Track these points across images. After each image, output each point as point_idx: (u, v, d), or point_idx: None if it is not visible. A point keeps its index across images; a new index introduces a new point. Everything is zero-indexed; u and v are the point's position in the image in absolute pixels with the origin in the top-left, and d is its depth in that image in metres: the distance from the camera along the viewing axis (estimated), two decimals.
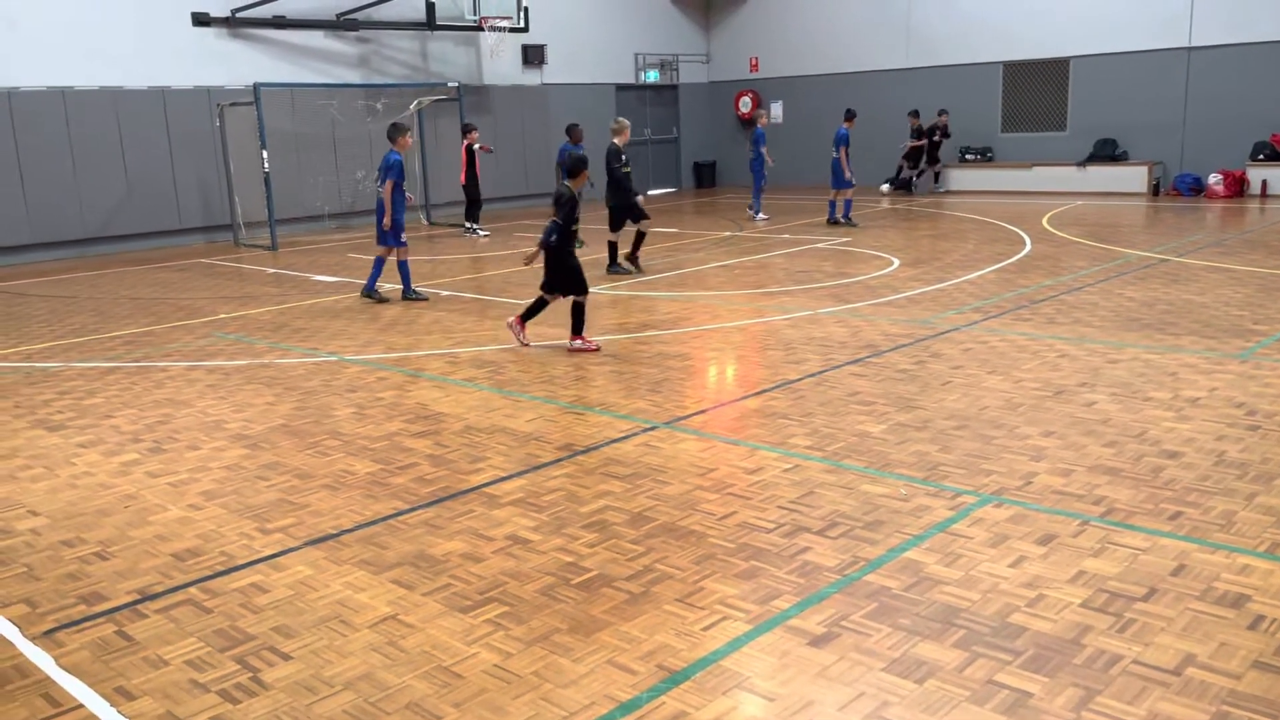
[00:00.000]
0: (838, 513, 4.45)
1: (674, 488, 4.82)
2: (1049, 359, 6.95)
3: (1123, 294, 9.17)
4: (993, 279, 10.22)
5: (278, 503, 4.86)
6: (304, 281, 12.00)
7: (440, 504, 4.75)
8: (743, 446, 5.41)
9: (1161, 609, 3.48)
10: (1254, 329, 7.58)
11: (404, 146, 9.92)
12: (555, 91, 21.40)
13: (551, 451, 5.42)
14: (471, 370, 7.32)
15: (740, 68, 24.09)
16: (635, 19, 22.84)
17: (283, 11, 16.93)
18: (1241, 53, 17.32)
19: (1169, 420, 5.52)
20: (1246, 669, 3.10)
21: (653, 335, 8.24)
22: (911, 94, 21.15)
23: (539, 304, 7.99)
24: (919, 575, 3.82)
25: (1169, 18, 17.92)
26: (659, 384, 6.74)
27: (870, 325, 8.28)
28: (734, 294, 10.03)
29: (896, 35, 21.33)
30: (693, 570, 3.94)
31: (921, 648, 3.31)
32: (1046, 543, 4.05)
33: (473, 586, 3.88)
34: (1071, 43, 19.07)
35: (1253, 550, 3.90)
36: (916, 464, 5.03)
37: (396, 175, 9.82)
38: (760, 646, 3.36)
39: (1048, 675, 3.12)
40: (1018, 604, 3.57)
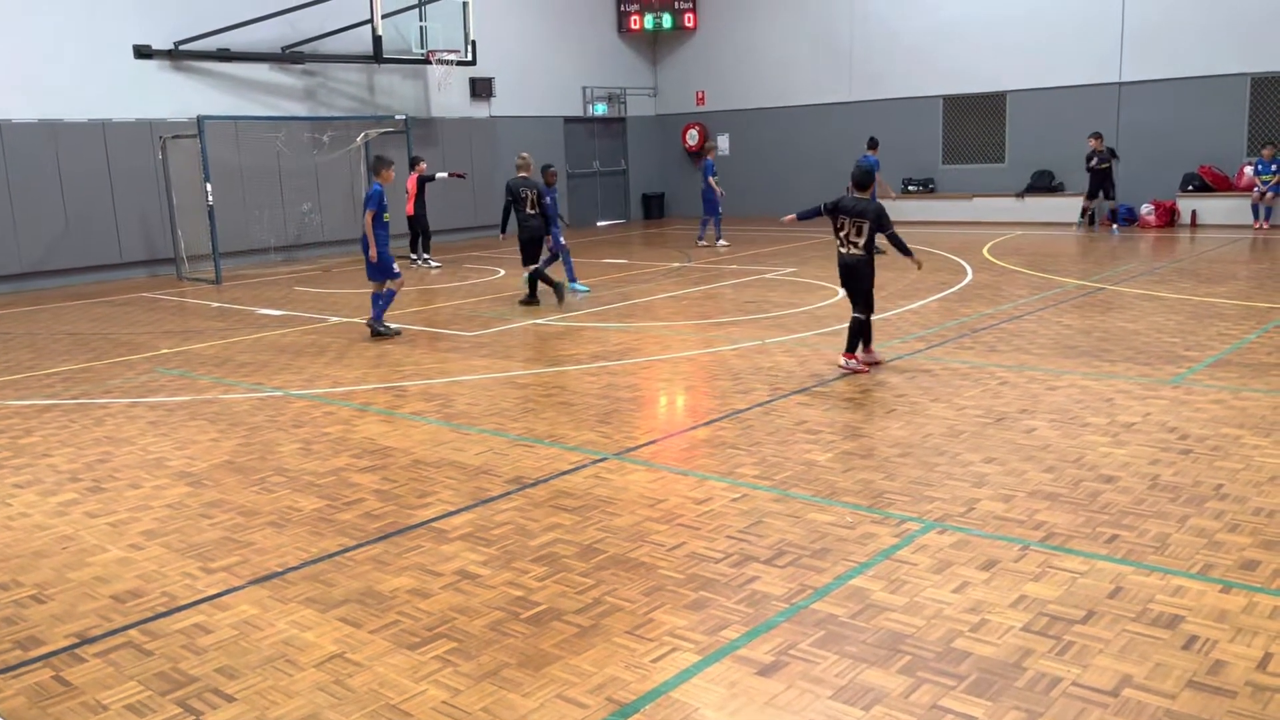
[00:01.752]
0: (785, 541, 4.49)
1: (623, 519, 4.84)
2: (990, 386, 7.10)
3: (1061, 322, 9.39)
4: (935, 308, 10.41)
5: (221, 541, 4.79)
6: (249, 315, 11.86)
7: (388, 540, 4.71)
8: (692, 477, 5.45)
9: (1099, 631, 3.57)
10: (1185, 355, 7.81)
11: (387, 179, 9.73)
12: (504, 124, 21.48)
13: (500, 485, 5.41)
14: (420, 404, 7.28)
15: (687, 101, 24.39)
16: (583, 53, 23.05)
17: (227, 44, 16.83)
18: (1170, 87, 17.93)
19: (1105, 445, 5.66)
20: (1181, 689, 3.18)
21: (602, 366, 8.27)
22: (854, 127, 21.53)
23: (858, 327, 7.71)
24: (865, 602, 3.87)
25: (1101, 54, 18.50)
26: (608, 415, 6.76)
27: (817, 355, 8.38)
28: (683, 325, 10.10)
29: (839, 69, 21.75)
30: (642, 602, 3.95)
31: (868, 674, 3.35)
32: (989, 568, 4.13)
33: (421, 623, 3.85)
34: (1008, 77, 19.60)
35: (1185, 572, 4.01)
36: (862, 492, 5.09)
37: (376, 205, 9.62)
38: (709, 677, 3.37)
39: (991, 699, 3.17)
40: (961, 629, 3.63)
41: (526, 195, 11.24)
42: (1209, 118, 17.70)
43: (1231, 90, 17.46)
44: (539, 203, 11.29)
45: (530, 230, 11.35)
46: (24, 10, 14.85)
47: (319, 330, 10.60)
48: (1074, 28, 18.67)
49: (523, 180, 11.35)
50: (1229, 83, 17.44)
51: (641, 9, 23.59)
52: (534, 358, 8.72)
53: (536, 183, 11.42)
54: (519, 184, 11.34)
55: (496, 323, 10.58)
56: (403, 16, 18.23)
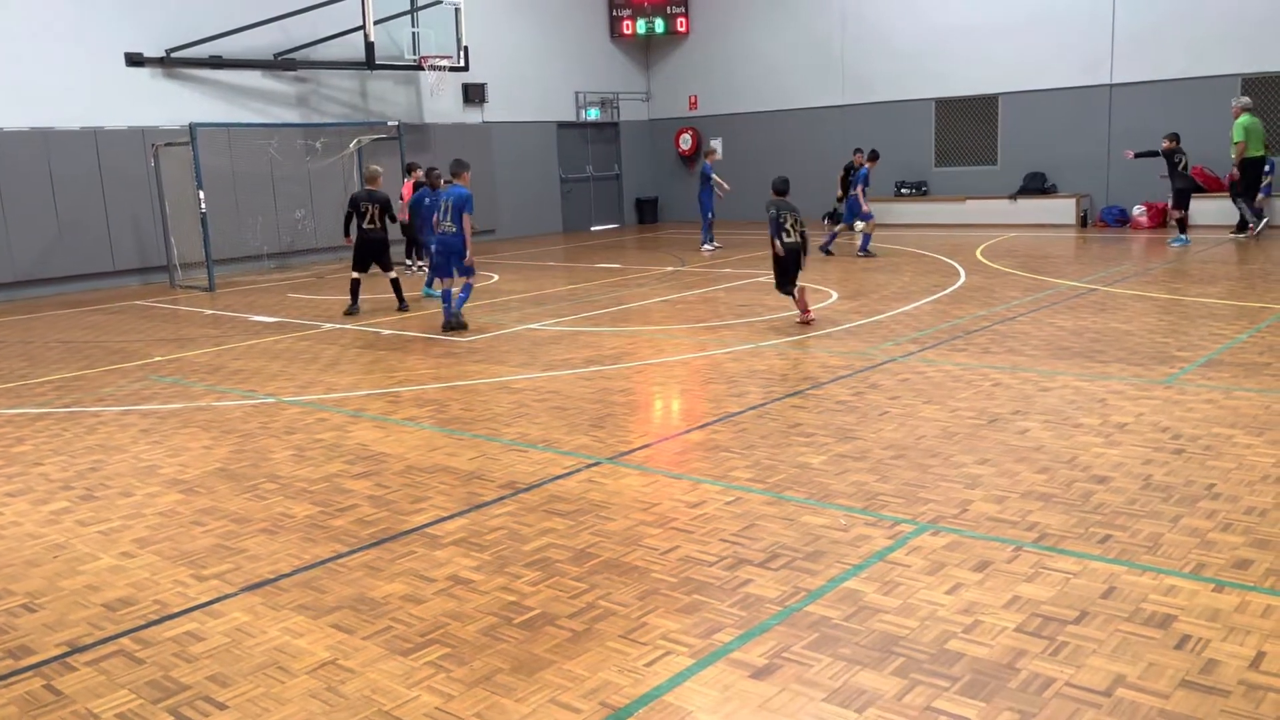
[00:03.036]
0: (779, 544, 4.49)
1: (617, 523, 4.83)
2: (983, 388, 7.10)
3: (1053, 323, 9.40)
4: (929, 310, 10.42)
5: (214, 548, 4.78)
6: (242, 322, 11.84)
7: (381, 546, 4.70)
8: (685, 480, 5.44)
9: (1092, 631, 3.57)
10: (1178, 355, 7.82)
11: (466, 181, 10.60)
12: (497, 129, 21.49)
13: (494, 490, 5.41)
14: (413, 409, 7.27)
15: (680, 105, 24.41)
16: (575, 58, 23.07)
17: (219, 51, 16.83)
18: (1160, 89, 17.98)
19: (1098, 446, 5.67)
20: (1174, 688, 3.18)
21: (596, 370, 8.26)
22: (847, 130, 21.59)
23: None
24: (859, 605, 3.87)
25: (1092, 56, 18.55)
26: (602, 419, 6.75)
27: (810, 358, 8.39)
28: (677, 328, 10.10)
29: (832, 73, 21.79)
30: (636, 606, 3.94)
31: (861, 677, 3.34)
32: (982, 569, 4.13)
33: (414, 629, 3.84)
34: (1000, 80, 19.64)
35: (1178, 571, 4.02)
36: (856, 494, 5.09)
37: (472, 209, 10.42)
38: (703, 681, 3.37)
39: (984, 700, 3.17)
40: (954, 630, 3.63)
41: (368, 209, 11.75)
42: (1200, 118, 17.74)
43: (1222, 91, 17.50)
44: (382, 215, 11.82)
45: (368, 239, 11.80)
46: (15, 18, 14.84)
47: (313, 337, 10.59)
48: (1064, 30, 18.72)
49: (368, 193, 11.85)
50: (1220, 84, 17.49)
51: (634, 14, 23.62)
52: (528, 362, 8.72)
53: (381, 196, 11.92)
54: (363, 196, 11.84)
55: (491, 327, 10.57)
56: (395, 23, 18.25)
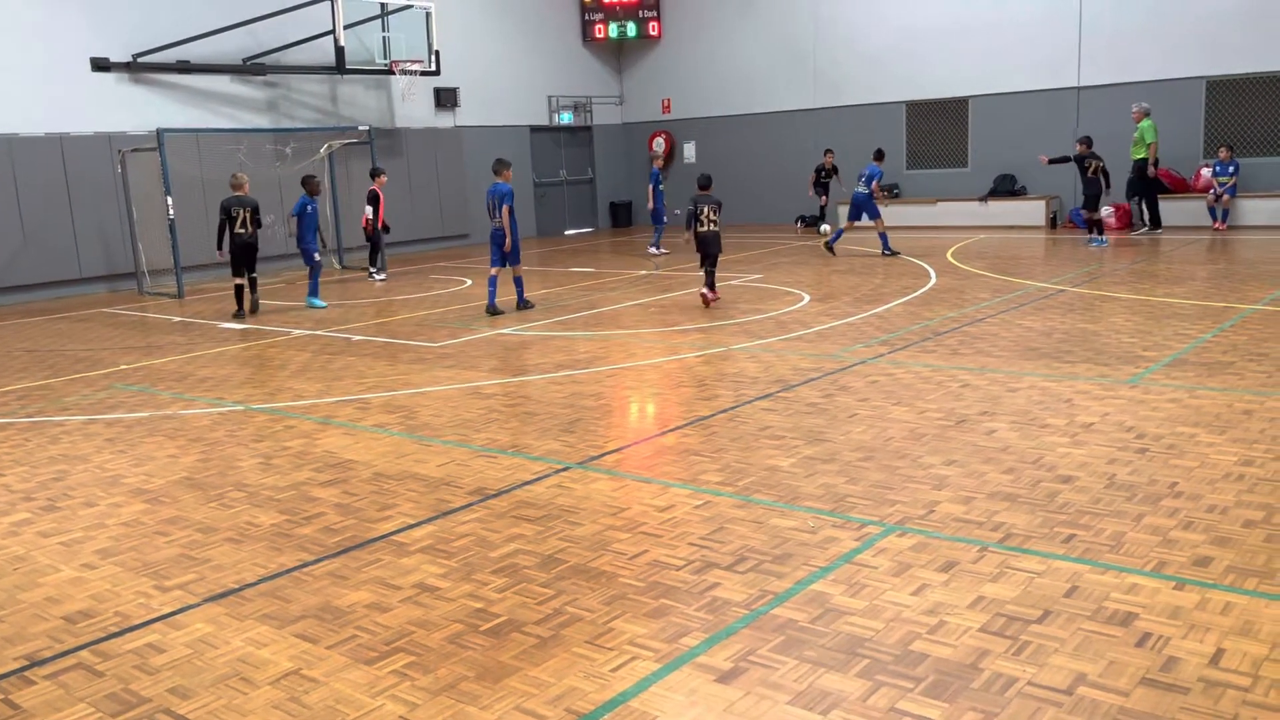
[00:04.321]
0: (747, 547, 4.49)
1: (586, 528, 4.82)
2: (952, 389, 7.15)
3: (1022, 324, 9.48)
4: (899, 312, 10.48)
5: (177, 559, 4.72)
6: (211, 330, 11.74)
7: (347, 554, 4.67)
8: (655, 484, 5.44)
9: (1055, 630, 3.59)
10: (1143, 355, 7.90)
11: (509, 179, 11.53)
12: (470, 134, 21.43)
13: (462, 496, 5.38)
14: (382, 416, 7.23)
15: (653, 109, 24.45)
16: (548, 62, 23.05)
17: (187, 56, 16.69)
18: (1127, 91, 18.18)
19: (1064, 446, 5.72)
20: (1135, 686, 3.21)
21: (567, 375, 8.25)
22: (819, 133, 21.70)
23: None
24: (825, 607, 3.88)
25: (1059, 59, 18.74)
26: (573, 424, 6.74)
27: (781, 360, 8.41)
28: (649, 332, 10.10)
29: (803, 76, 21.89)
30: (603, 611, 3.94)
31: (826, 679, 3.35)
32: (947, 569, 4.15)
33: (379, 637, 3.82)
34: (970, 83, 19.80)
35: (1140, 570, 4.05)
36: (824, 496, 5.11)
37: (512, 200, 11.45)
38: (669, 685, 3.36)
39: (948, 700, 3.18)
40: (919, 631, 3.64)
41: (239, 214, 12.29)
42: (1166, 121, 17.93)
43: (1188, 93, 17.73)
44: (250, 220, 12.33)
45: (242, 244, 12.37)
46: None
47: (282, 344, 10.51)
48: (1032, 33, 18.90)
49: (236, 199, 12.33)
50: (1185, 86, 17.71)
51: (606, 18, 23.64)
52: (498, 368, 8.69)
53: (250, 201, 12.40)
54: (232, 203, 12.30)
55: (462, 333, 10.53)
56: (365, 27, 18.18)
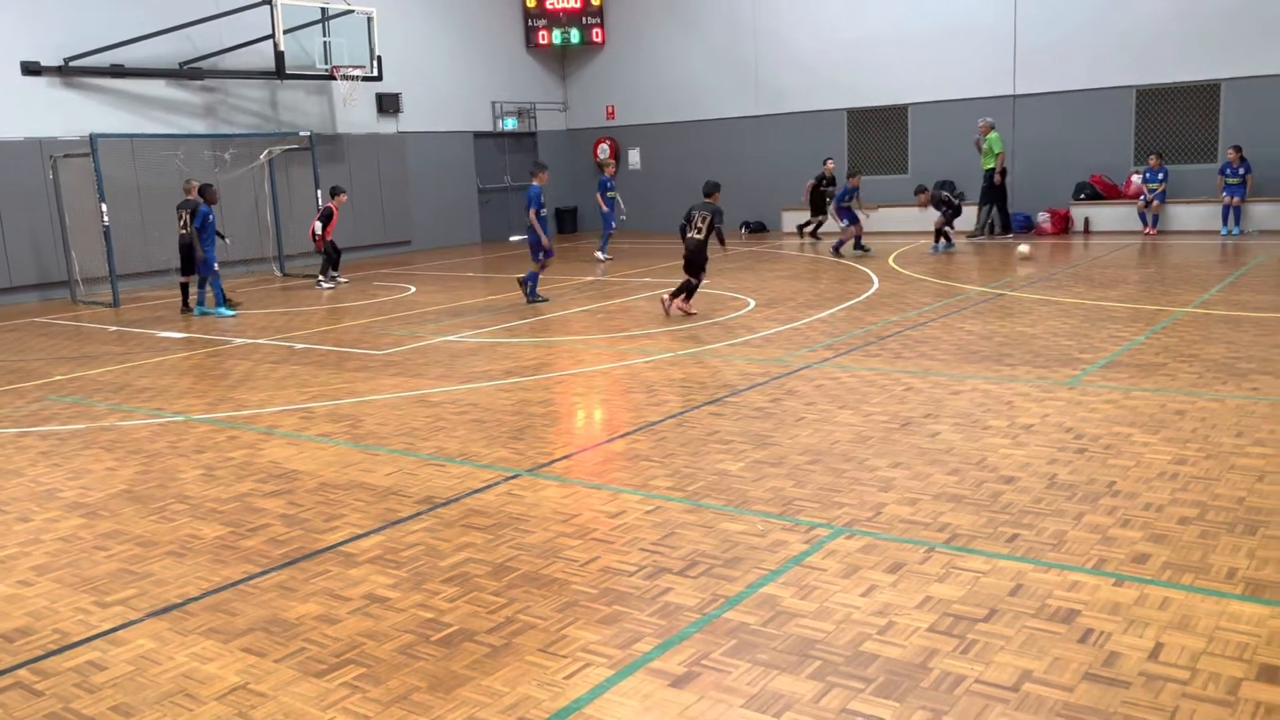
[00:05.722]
0: (698, 552, 4.52)
1: (536, 536, 4.81)
2: (896, 392, 7.25)
3: (963, 328, 9.65)
4: (843, 317, 10.61)
5: (118, 573, 4.62)
6: (149, 339, 11.49)
7: (294, 565, 4.60)
8: (605, 490, 5.44)
9: (1001, 628, 3.66)
10: (1080, 358, 8.09)
11: (544, 180, 12.21)
12: (413, 139, 21.26)
13: (411, 505, 5.33)
14: (327, 425, 7.14)
15: (597, 115, 24.47)
16: (491, 67, 22.96)
17: (120, 60, 16.34)
18: (1061, 99, 18.62)
19: (1006, 447, 5.83)
20: (1078, 681, 3.28)
21: (515, 382, 8.21)
22: (762, 141, 21.90)
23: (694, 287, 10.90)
24: (776, 610, 3.91)
25: (995, 68, 19.13)
26: (521, 431, 6.72)
27: (728, 365, 8.46)
28: (597, 338, 10.11)
29: (745, 84, 22.07)
30: (555, 619, 3.93)
31: (779, 681, 3.38)
32: (895, 570, 4.21)
33: (328, 649, 3.77)
34: (909, 91, 20.12)
35: (1081, 567, 4.15)
36: (773, 500, 5.15)
37: (538, 204, 11.98)
38: (622, 691, 3.37)
39: (897, 700, 3.23)
40: (869, 632, 3.69)
41: (182, 215, 13.27)
42: (1098, 129, 18.43)
43: (1118, 102, 18.21)
44: (191, 221, 12.97)
45: (181, 243, 13.33)
46: None
47: (224, 352, 10.33)
48: (969, 42, 19.26)
49: (184, 202, 13.31)
50: (1116, 95, 18.19)
51: (549, 24, 23.62)
52: (445, 375, 8.63)
53: (194, 203, 13.02)
54: (180, 205, 13.35)
55: (408, 340, 10.44)
56: (306, 32, 17.94)
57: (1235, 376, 7.19)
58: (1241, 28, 16.86)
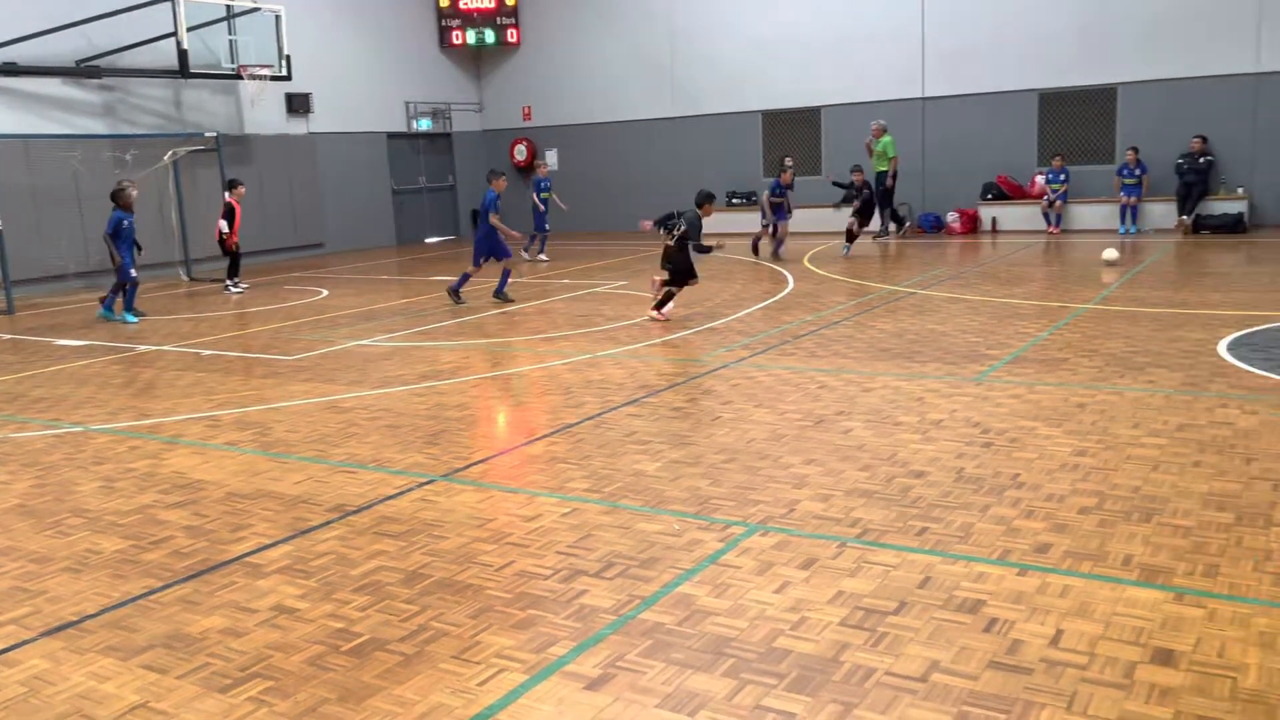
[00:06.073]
0: (614, 553, 4.51)
1: (451, 542, 4.75)
2: (810, 390, 7.35)
3: (875, 326, 9.83)
4: (759, 317, 10.72)
5: (10, 592, 4.42)
6: (45, 347, 11.05)
7: (198, 578, 4.46)
8: (521, 494, 5.40)
9: (910, 620, 3.73)
10: (987, 354, 8.31)
11: (500, 187, 12.19)
12: (324, 140, 20.86)
13: (321, 514, 5.22)
14: (235, 433, 6.95)
15: (513, 116, 24.32)
16: (404, 67, 22.65)
17: (13, 58, 15.69)
18: (967, 102, 19.12)
19: (916, 442, 5.95)
20: (983, 670, 3.36)
21: (430, 386, 8.11)
22: (679, 142, 22.02)
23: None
24: (691, 609, 3.92)
25: (905, 71, 19.55)
26: (436, 436, 6.63)
27: (646, 366, 8.48)
28: (514, 340, 10.03)
29: (662, 86, 22.17)
30: (469, 625, 3.88)
31: (693, 680, 3.39)
32: (808, 566, 4.26)
33: (233, 663, 3.66)
34: (822, 93, 20.44)
35: (987, 558, 4.25)
36: (689, 499, 5.17)
37: (496, 208, 12.04)
38: (536, 696, 3.34)
39: (810, 694, 3.26)
40: (783, 628, 3.72)
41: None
42: (1003, 130, 18.96)
43: (1022, 105, 18.76)
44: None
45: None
46: None
47: (125, 360, 9.99)
48: (879, 47, 19.64)
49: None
50: (1020, 98, 18.73)
51: (464, 24, 23.40)
52: (358, 380, 8.48)
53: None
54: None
55: (319, 345, 10.23)
56: (211, 30, 17.47)
57: (1132, 370, 7.46)
58: (1136, 34, 17.52)
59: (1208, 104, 17.18)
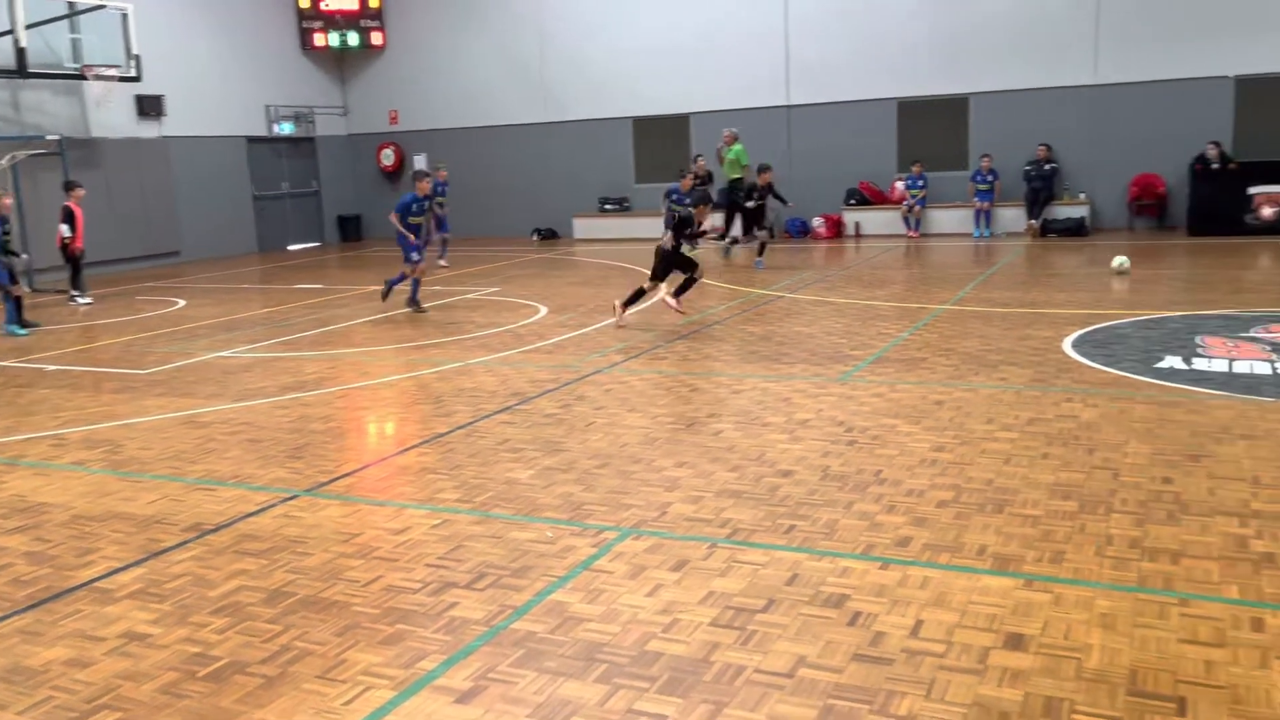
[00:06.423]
0: (486, 563, 4.45)
1: (315, 558, 4.60)
2: (682, 394, 7.43)
3: (745, 329, 10.01)
4: (633, 321, 10.76)
5: None
6: None
7: (40, 607, 4.20)
8: (389, 507, 5.28)
9: (778, 617, 3.80)
10: (851, 354, 8.55)
11: (424, 190, 11.76)
12: (178, 144, 19.99)
13: (176, 534, 4.99)
14: (82, 452, 6.58)
15: (380, 120, 23.82)
16: (264, 70, 21.91)
17: None
18: (830, 110, 19.67)
19: (783, 442, 6.08)
20: (848, 662, 3.45)
21: (295, 398, 7.86)
22: (550, 147, 21.98)
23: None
24: (564, 616, 3.90)
25: (770, 79, 19.98)
26: (301, 449, 6.42)
27: (519, 373, 8.42)
28: (383, 349, 9.82)
29: (532, 91, 22.07)
30: (335, 643, 3.77)
31: (566, 688, 3.37)
32: (680, 568, 4.30)
33: (79, 696, 3.46)
34: (690, 100, 20.70)
35: (851, 553, 4.37)
36: (562, 505, 5.15)
37: (404, 211, 11.67)
38: (404, 712, 3.27)
39: (681, 696, 3.29)
40: (654, 631, 3.74)
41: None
42: (865, 138, 19.57)
43: (882, 113, 19.42)
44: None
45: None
46: None
47: None
48: (745, 55, 20.01)
49: None
50: (880, 106, 19.38)
51: (325, 25, 22.79)
52: (217, 393, 8.15)
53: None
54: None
55: (175, 357, 9.79)
56: (52, 27, 16.54)
57: (986, 368, 7.80)
58: (986, 47, 18.34)
59: (1052, 114, 18.13)
